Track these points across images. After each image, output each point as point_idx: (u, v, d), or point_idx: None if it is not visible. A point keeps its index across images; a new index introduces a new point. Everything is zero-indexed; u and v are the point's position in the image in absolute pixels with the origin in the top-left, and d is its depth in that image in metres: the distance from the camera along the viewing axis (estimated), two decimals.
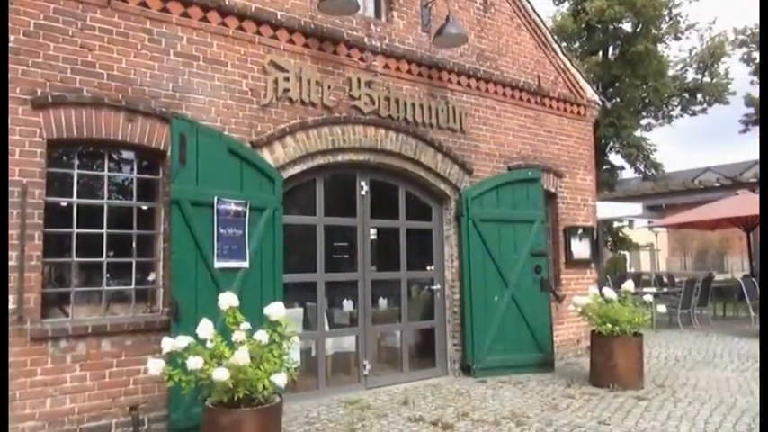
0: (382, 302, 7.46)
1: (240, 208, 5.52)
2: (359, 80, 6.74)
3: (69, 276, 5.09)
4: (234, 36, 5.88)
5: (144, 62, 5.32)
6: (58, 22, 4.92)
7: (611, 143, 20.11)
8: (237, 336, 4.12)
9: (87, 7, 5.07)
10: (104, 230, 5.17)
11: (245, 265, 5.51)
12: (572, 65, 9.23)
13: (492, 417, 5.60)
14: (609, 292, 7.03)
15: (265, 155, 5.96)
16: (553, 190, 8.72)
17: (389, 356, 7.48)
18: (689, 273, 24.74)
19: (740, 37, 24.88)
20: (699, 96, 22.11)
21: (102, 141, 5.13)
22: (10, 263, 4.51)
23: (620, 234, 21.14)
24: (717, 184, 18.97)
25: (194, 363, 3.95)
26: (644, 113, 21.70)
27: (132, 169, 5.44)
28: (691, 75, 22.26)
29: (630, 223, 21.53)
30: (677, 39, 21.15)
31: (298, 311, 6.50)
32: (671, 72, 21.12)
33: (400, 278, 7.28)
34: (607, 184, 20.32)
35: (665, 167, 21.38)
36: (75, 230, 5.03)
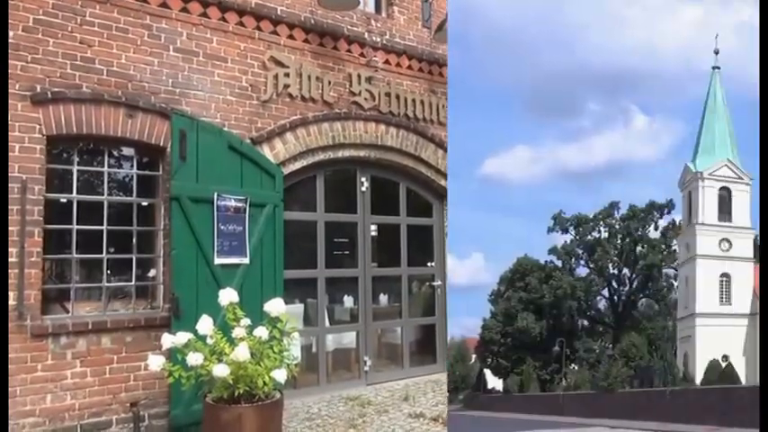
0: (383, 299, 7.46)
1: (240, 204, 5.51)
2: (359, 76, 6.71)
3: (69, 273, 5.09)
4: (234, 31, 5.85)
5: (144, 58, 5.30)
6: (58, 18, 4.90)
7: None
8: (238, 332, 4.11)
9: (86, 3, 5.05)
10: (104, 227, 5.16)
11: (246, 261, 5.50)
12: None
13: None
14: None
15: (265, 151, 5.94)
16: None
17: (390, 353, 7.48)
18: None
19: None
20: None
21: (102, 137, 5.12)
22: (10, 259, 4.50)
23: None
24: None
25: (194, 359, 3.95)
26: None
27: (132, 165, 5.43)
28: None
29: None
30: None
31: (298, 308, 6.50)
32: None
33: (401, 274, 7.28)
34: None
35: None
36: (76, 227, 5.02)
